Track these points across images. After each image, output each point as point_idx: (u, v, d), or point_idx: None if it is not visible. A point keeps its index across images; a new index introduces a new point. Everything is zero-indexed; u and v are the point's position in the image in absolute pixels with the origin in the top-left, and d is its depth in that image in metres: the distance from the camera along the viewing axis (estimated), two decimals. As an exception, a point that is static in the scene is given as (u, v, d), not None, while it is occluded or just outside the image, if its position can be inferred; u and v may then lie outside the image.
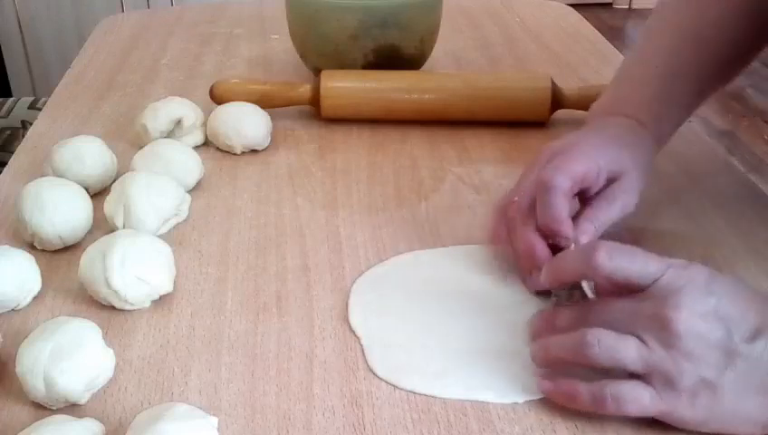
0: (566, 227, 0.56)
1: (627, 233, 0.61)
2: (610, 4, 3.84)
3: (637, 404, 0.46)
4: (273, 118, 0.83)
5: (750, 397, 0.45)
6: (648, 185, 0.62)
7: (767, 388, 0.45)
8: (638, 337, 0.47)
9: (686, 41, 0.67)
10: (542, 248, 0.57)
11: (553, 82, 0.84)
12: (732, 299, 0.47)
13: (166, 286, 0.59)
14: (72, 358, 0.50)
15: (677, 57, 0.67)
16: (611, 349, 0.47)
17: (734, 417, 0.46)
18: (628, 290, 0.49)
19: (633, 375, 0.47)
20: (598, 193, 0.59)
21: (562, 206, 0.56)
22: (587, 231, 0.57)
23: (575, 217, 0.58)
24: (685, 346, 0.45)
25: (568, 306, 0.54)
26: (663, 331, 0.46)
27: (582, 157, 0.57)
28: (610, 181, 0.59)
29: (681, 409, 0.46)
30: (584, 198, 0.60)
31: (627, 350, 0.47)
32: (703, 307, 0.46)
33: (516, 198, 0.60)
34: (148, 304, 0.59)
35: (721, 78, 0.70)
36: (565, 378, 0.49)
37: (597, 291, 0.54)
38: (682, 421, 0.47)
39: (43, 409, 0.50)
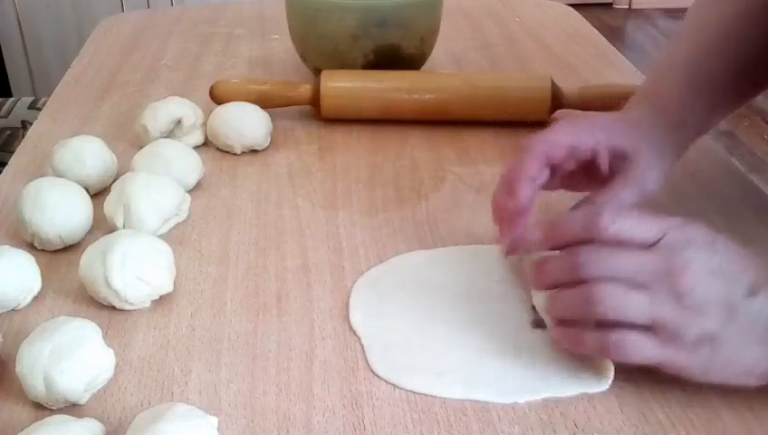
0: (520, 188, 0.57)
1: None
2: (610, 4, 3.84)
3: (640, 353, 0.48)
4: (273, 118, 0.83)
5: (749, 349, 0.47)
6: (671, 173, 0.61)
7: (764, 340, 0.47)
8: (646, 291, 0.48)
9: (723, 38, 0.66)
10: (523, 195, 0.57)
11: (553, 82, 0.84)
12: (732, 257, 0.49)
13: (166, 286, 0.59)
14: (71, 358, 0.50)
15: (712, 54, 0.66)
16: (619, 305, 0.48)
17: (733, 368, 0.48)
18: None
19: (638, 325, 0.48)
20: (614, 175, 0.59)
21: (528, 167, 0.56)
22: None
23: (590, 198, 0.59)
24: (692, 301, 0.47)
25: (569, 253, 0.52)
26: (672, 286, 0.47)
27: (573, 129, 0.57)
28: (620, 158, 0.59)
29: (683, 359, 0.48)
30: (598, 177, 0.59)
31: (634, 304, 0.47)
32: (708, 264, 0.48)
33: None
34: (148, 304, 0.59)
35: (750, 88, 0.68)
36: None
37: None
38: (682, 370, 0.48)
39: (43, 409, 0.50)
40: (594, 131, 0.58)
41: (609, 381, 0.51)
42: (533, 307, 0.56)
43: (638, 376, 0.52)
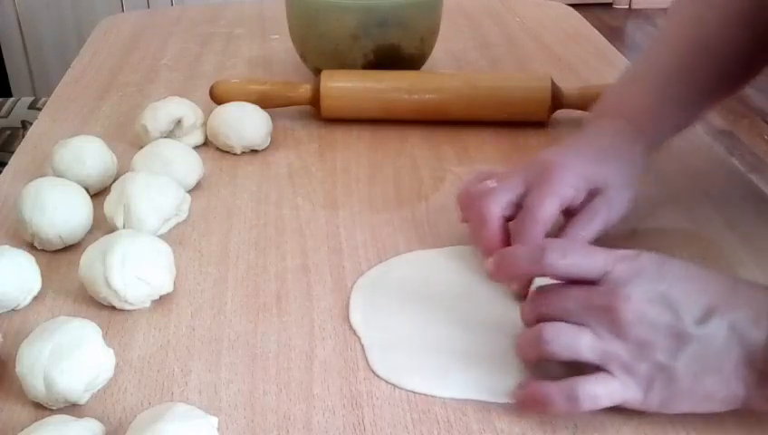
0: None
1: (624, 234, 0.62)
2: (610, 4, 3.84)
3: (606, 396, 0.47)
4: (273, 118, 0.83)
5: (706, 376, 0.46)
6: (637, 193, 0.62)
7: (721, 367, 0.46)
8: (591, 328, 0.48)
9: (690, 48, 0.68)
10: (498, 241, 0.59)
11: (553, 82, 0.84)
12: (682, 283, 0.48)
13: (166, 286, 0.59)
14: (71, 358, 0.50)
15: (680, 64, 0.68)
16: (567, 343, 0.48)
17: (693, 397, 0.47)
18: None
19: (594, 367, 0.48)
20: (581, 205, 0.60)
21: (538, 235, 0.57)
22: None
23: (558, 233, 0.60)
24: (635, 334, 0.47)
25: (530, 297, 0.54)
26: (612, 321, 0.47)
27: (560, 185, 0.58)
28: (593, 194, 0.60)
29: (640, 394, 0.47)
30: (567, 211, 0.61)
31: (581, 342, 0.48)
32: (650, 294, 0.47)
33: (497, 187, 0.60)
34: (148, 304, 0.59)
35: (725, 87, 0.70)
36: (536, 381, 0.50)
37: None
38: (645, 405, 0.48)
39: (43, 409, 0.50)
40: (574, 180, 0.59)
41: None
42: None
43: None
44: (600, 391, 0.47)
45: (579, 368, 0.49)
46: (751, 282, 0.50)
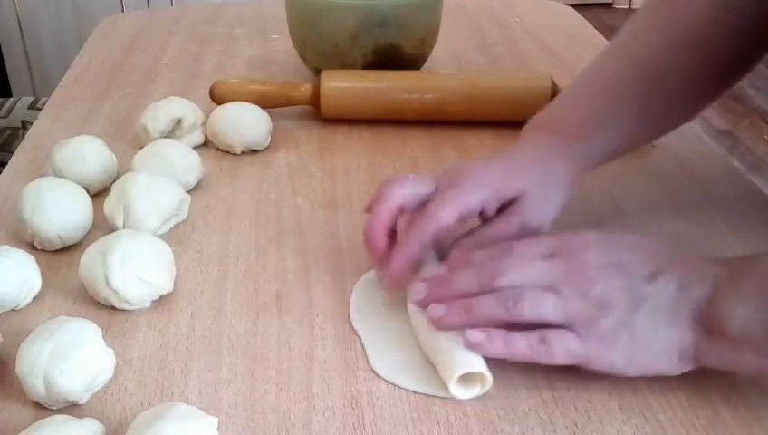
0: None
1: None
2: (610, 4, 3.84)
3: (566, 348, 0.50)
4: (273, 118, 0.83)
5: (663, 330, 0.49)
6: (559, 207, 0.62)
7: (674, 320, 0.49)
8: (554, 292, 0.51)
9: (634, 68, 0.66)
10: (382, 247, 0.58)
11: (553, 82, 0.84)
12: (630, 250, 0.52)
13: (166, 286, 0.59)
14: (71, 358, 0.50)
15: (622, 82, 0.66)
16: (537, 303, 0.50)
17: (652, 352, 0.50)
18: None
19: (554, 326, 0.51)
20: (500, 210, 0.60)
21: (410, 251, 0.57)
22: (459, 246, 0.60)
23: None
24: (596, 293, 0.50)
25: (469, 273, 0.54)
26: (575, 285, 0.50)
27: (458, 199, 0.58)
28: (508, 203, 0.60)
29: (604, 350, 0.50)
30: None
31: (550, 303, 0.50)
32: (603, 260, 0.51)
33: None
34: (148, 304, 0.59)
35: (672, 110, 0.68)
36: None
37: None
38: (608, 364, 0.50)
39: (43, 409, 0.50)
40: (479, 192, 0.59)
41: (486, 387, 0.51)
42: None
43: (637, 377, 0.52)
44: (559, 340, 0.50)
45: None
46: (693, 252, 0.54)
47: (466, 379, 0.51)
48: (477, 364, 0.50)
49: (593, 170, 0.66)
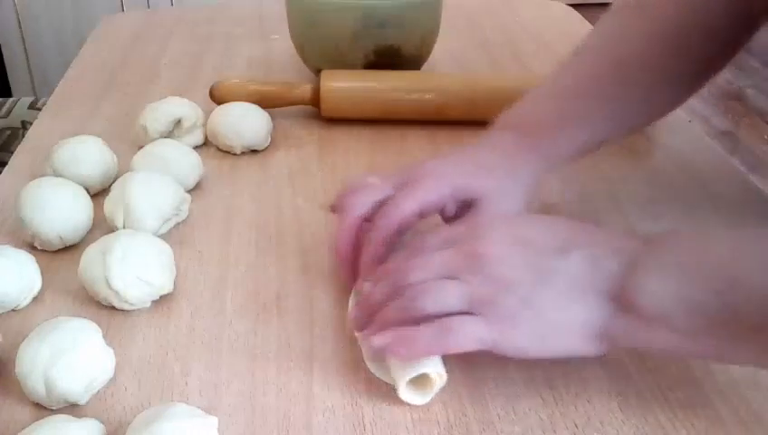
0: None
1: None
2: (610, 4, 3.84)
3: (473, 334, 0.48)
4: (273, 118, 0.83)
5: (571, 306, 0.47)
6: (523, 204, 0.61)
7: (583, 295, 0.47)
8: (457, 279, 0.49)
9: (608, 67, 0.66)
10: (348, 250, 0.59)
11: (553, 82, 0.84)
12: (536, 226, 0.51)
13: (166, 286, 0.59)
14: (71, 358, 0.50)
15: (593, 81, 0.66)
16: (439, 295, 0.49)
17: (561, 331, 0.48)
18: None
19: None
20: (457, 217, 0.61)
21: (374, 250, 0.58)
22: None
23: None
24: (499, 273, 0.48)
25: (383, 283, 0.53)
26: (476, 265, 0.49)
27: (418, 192, 0.58)
28: (469, 205, 0.60)
29: (510, 330, 0.48)
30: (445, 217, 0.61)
31: (452, 291, 0.49)
32: (506, 237, 0.50)
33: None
34: (148, 304, 0.59)
35: (644, 110, 0.68)
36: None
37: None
38: (518, 346, 0.48)
39: (43, 409, 0.50)
40: (439, 187, 0.59)
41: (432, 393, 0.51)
42: None
43: (637, 377, 0.52)
44: (464, 326, 0.48)
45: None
46: (610, 228, 0.53)
47: (420, 382, 0.50)
48: (418, 368, 0.49)
49: (568, 166, 0.65)
